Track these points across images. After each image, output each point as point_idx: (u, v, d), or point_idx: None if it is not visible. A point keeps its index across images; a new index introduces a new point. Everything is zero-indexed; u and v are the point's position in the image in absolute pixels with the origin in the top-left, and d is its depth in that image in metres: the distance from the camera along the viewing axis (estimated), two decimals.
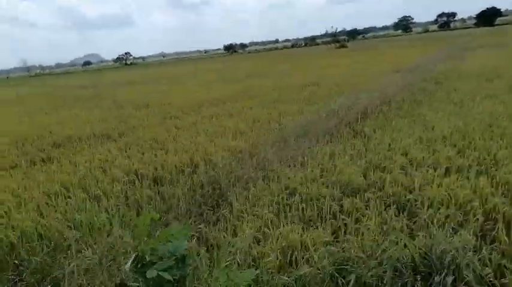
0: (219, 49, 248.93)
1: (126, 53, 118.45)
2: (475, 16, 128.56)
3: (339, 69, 20.83)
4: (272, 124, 8.31)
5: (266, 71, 25.17)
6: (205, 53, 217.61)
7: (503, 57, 17.49)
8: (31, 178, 5.90)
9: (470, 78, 11.89)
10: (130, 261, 1.83)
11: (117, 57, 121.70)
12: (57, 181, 5.56)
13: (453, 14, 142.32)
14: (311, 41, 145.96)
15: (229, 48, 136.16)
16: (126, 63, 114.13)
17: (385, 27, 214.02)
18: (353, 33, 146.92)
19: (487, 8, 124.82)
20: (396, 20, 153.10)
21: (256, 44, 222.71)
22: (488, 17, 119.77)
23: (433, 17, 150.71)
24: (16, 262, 3.54)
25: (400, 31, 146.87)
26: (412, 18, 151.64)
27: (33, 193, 5.09)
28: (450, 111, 7.71)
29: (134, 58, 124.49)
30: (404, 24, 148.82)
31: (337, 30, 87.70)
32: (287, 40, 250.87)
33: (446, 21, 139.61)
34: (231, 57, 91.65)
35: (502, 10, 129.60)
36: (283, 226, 3.65)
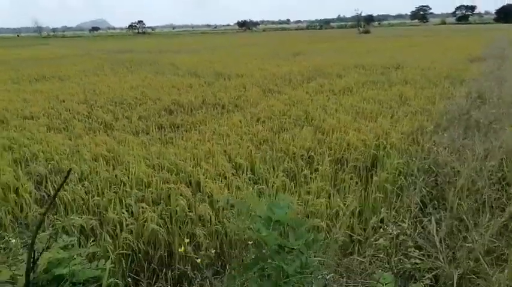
0: (228, 25, 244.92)
1: (139, 21, 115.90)
2: (494, 11, 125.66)
3: (413, 51, 19.50)
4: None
5: (314, 49, 23.84)
6: (215, 27, 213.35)
7: None
8: None
9: None
10: None
11: (130, 25, 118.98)
12: None
13: (472, 8, 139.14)
14: (325, 23, 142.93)
15: (243, 25, 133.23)
16: (138, 32, 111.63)
17: (399, 16, 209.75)
18: (368, 20, 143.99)
19: (508, 4, 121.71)
20: (414, 9, 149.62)
21: (267, 22, 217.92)
22: (508, 13, 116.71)
23: (451, 9, 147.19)
24: None
25: (416, 21, 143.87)
26: (430, 8, 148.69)
27: None
28: None
29: (145, 27, 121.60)
30: (422, 14, 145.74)
31: (362, 14, 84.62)
32: (298, 21, 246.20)
33: (464, 14, 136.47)
34: (248, 33, 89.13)
35: None
36: None
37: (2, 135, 5.78)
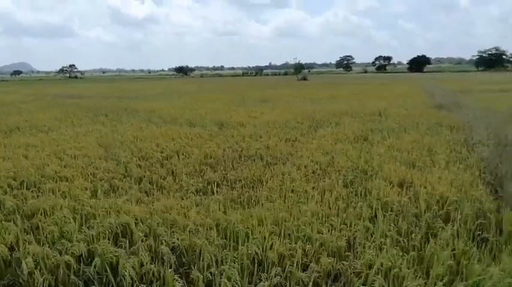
0: (163, 70, 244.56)
1: (71, 66, 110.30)
2: (407, 62, 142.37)
3: (370, 98, 20.87)
4: None
5: (276, 95, 24.55)
6: (149, 72, 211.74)
7: None
8: None
9: None
10: None
11: (61, 69, 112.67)
12: None
13: (389, 58, 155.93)
14: (260, 70, 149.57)
15: (180, 71, 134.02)
16: (70, 76, 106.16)
17: (324, 64, 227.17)
18: (299, 68, 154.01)
19: (418, 56, 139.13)
20: (338, 58, 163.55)
21: (202, 68, 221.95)
22: (418, 63, 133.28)
23: (370, 59, 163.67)
24: None
25: (341, 69, 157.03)
26: (353, 58, 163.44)
27: None
28: None
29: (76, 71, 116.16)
30: (346, 63, 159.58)
31: (298, 61, 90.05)
32: (232, 68, 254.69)
33: (382, 64, 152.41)
34: (189, 79, 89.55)
35: (431, 58, 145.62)
36: None
37: None
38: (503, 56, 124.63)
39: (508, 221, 4.38)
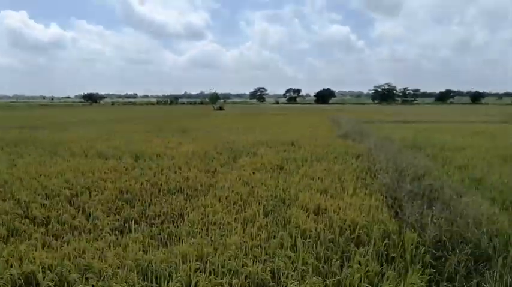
0: (68, 97, 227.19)
1: None
2: (314, 94, 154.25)
3: (285, 129, 21.89)
4: None
5: (196, 125, 24.45)
6: (52, 99, 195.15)
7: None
8: None
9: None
10: None
11: None
12: None
13: (298, 91, 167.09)
14: (175, 99, 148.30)
15: (89, 98, 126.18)
16: None
17: (240, 95, 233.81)
18: (214, 98, 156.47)
19: (324, 89, 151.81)
20: (252, 90, 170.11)
21: (113, 96, 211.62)
22: (324, 96, 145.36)
23: (281, 91, 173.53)
24: None
25: (255, 100, 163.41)
26: (266, 90, 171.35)
27: None
28: None
29: None
30: (259, 94, 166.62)
31: (214, 92, 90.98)
32: (146, 96, 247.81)
33: (292, 95, 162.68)
34: (99, 107, 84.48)
35: (335, 91, 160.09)
36: None
37: None
38: (394, 91, 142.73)
39: (409, 240, 4.92)
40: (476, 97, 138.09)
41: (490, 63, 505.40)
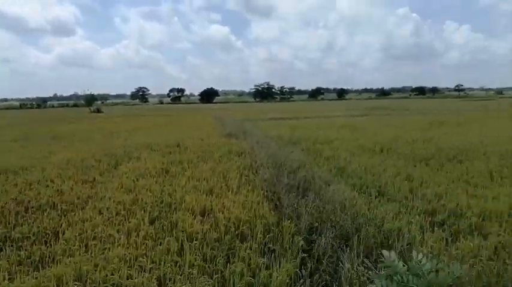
0: None
1: None
2: (198, 93, 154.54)
3: (170, 130, 21.37)
4: None
5: (71, 130, 22.13)
6: None
7: None
8: None
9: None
10: None
11: None
12: None
13: (182, 90, 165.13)
14: (43, 102, 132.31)
15: None
16: None
17: (119, 96, 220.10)
18: (90, 99, 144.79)
19: (208, 88, 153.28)
20: (134, 90, 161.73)
21: None
22: (209, 95, 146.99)
23: (165, 91, 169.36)
24: None
25: (137, 100, 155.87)
26: (148, 90, 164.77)
27: None
28: None
29: None
30: (141, 94, 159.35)
31: (90, 93, 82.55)
32: (4, 99, 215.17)
33: (176, 95, 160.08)
34: None
35: (218, 91, 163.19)
36: None
37: None
38: (273, 89, 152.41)
39: (287, 230, 5.43)
40: (341, 93, 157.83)
41: (350, 64, 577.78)
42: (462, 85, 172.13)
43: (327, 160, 11.06)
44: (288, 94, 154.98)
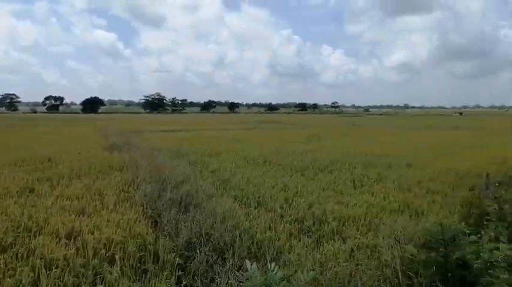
0: None
1: None
2: (80, 103, 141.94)
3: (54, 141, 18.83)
4: None
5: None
6: None
7: None
8: None
9: None
10: None
11: None
12: None
13: (61, 98, 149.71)
14: None
15: None
16: None
17: None
18: None
19: (91, 97, 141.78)
20: (0, 97, 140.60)
21: None
22: (93, 104, 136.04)
23: (40, 99, 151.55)
24: None
25: (4, 108, 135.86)
26: (18, 97, 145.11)
27: None
28: None
29: None
30: (9, 102, 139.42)
31: None
32: None
33: (54, 104, 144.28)
34: None
35: (104, 100, 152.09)
36: None
37: None
38: (164, 101, 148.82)
39: (162, 248, 5.22)
40: (232, 107, 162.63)
41: (241, 78, 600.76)
42: (337, 102, 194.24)
43: (213, 173, 11.14)
44: (180, 106, 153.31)
